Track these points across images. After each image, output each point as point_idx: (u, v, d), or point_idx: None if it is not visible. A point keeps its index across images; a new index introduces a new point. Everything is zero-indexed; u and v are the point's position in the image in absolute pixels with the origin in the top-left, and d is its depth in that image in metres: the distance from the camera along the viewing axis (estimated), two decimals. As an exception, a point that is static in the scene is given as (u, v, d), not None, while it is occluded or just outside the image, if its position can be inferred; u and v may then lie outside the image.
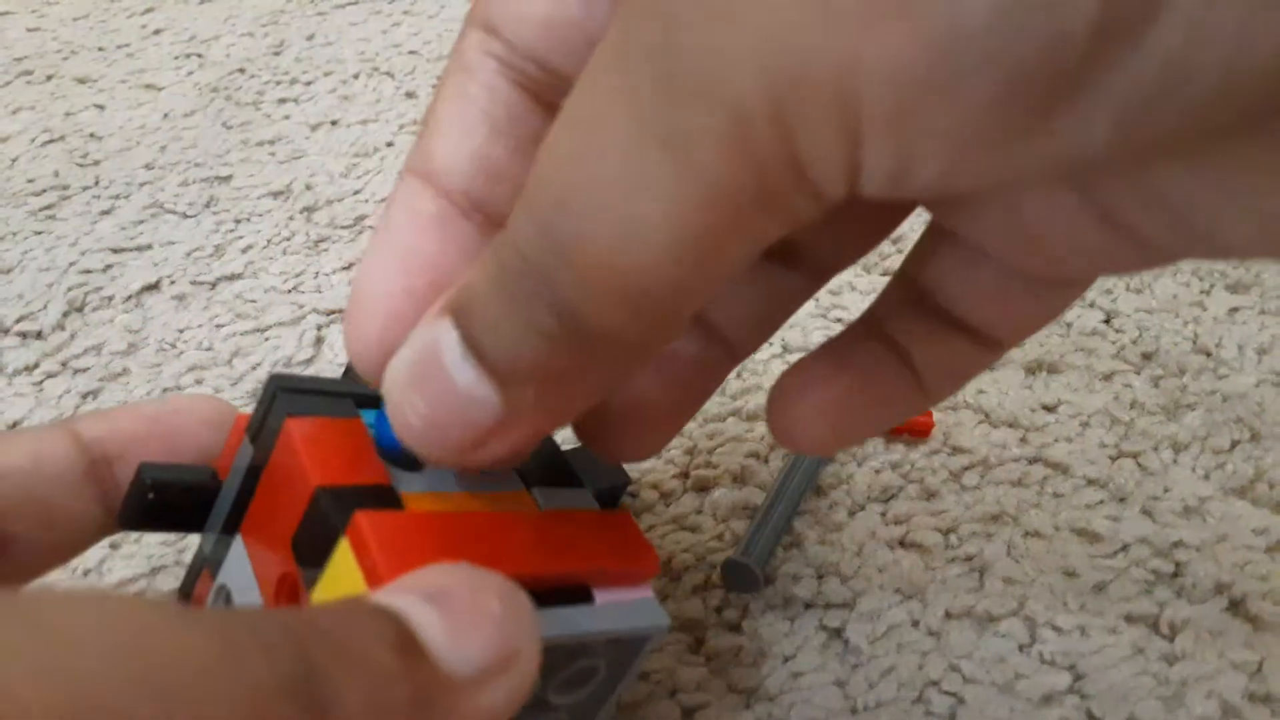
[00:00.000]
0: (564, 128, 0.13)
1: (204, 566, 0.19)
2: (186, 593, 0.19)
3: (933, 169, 0.12)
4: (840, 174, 0.12)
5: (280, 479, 0.17)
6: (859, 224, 0.19)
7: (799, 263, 0.19)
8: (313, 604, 0.16)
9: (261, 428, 0.17)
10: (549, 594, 0.16)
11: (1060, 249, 0.15)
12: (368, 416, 0.18)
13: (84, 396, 0.31)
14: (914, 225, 0.20)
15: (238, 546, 0.18)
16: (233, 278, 0.36)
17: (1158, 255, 0.15)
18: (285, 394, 0.17)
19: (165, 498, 0.18)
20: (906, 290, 0.19)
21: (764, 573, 0.26)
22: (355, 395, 0.18)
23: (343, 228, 0.38)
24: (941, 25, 0.10)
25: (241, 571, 0.17)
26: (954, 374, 0.19)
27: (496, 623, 0.14)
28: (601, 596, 0.17)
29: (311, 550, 0.16)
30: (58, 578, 0.26)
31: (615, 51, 0.13)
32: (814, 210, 0.13)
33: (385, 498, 0.16)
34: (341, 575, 0.15)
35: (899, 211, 0.19)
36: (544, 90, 0.17)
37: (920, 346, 0.18)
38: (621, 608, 0.17)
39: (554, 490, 0.19)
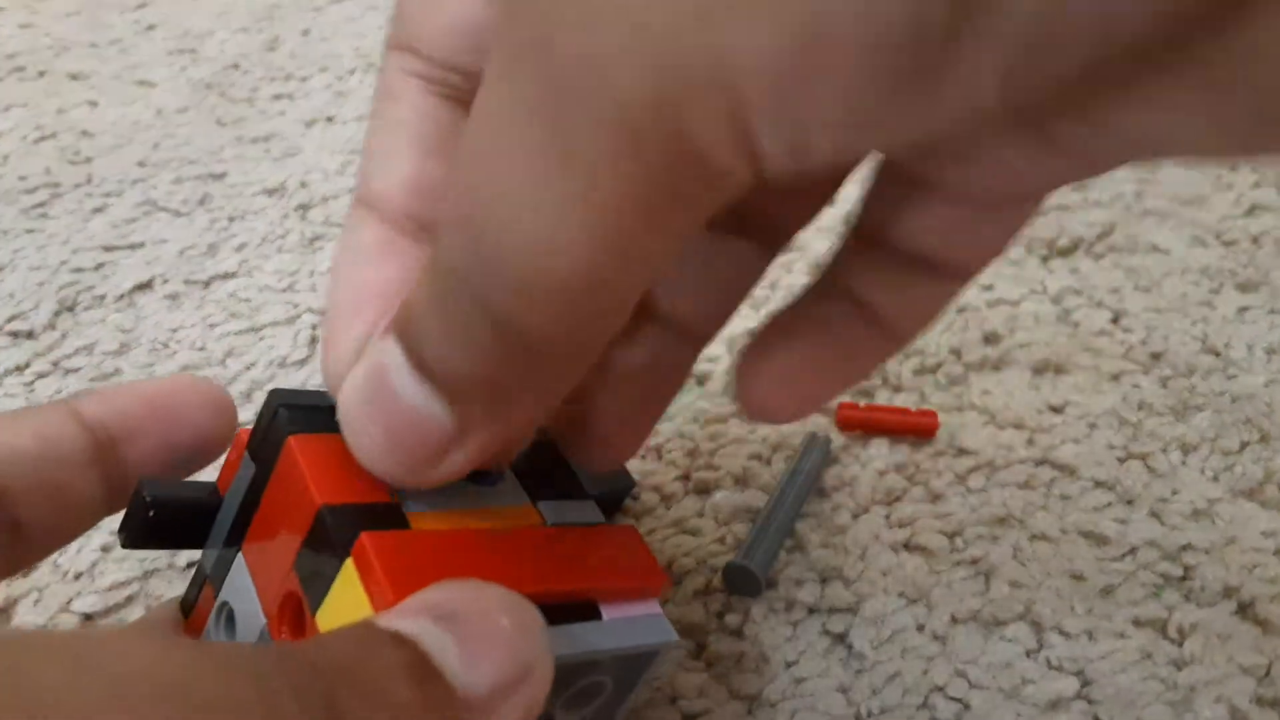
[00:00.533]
0: (468, 140, 0.13)
1: (206, 581, 0.18)
2: (189, 606, 0.19)
3: (828, 143, 0.12)
4: (739, 159, 0.12)
5: (283, 497, 0.17)
6: (801, 186, 0.18)
7: (749, 231, 0.19)
8: (320, 627, 0.15)
9: (263, 444, 0.17)
10: (556, 611, 0.16)
11: (1012, 178, 0.15)
12: None
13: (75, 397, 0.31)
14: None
15: (240, 564, 0.17)
16: (226, 276, 0.36)
17: (1111, 166, 0.15)
18: (286, 410, 0.17)
19: (165, 515, 0.18)
20: (860, 239, 0.18)
21: (766, 576, 0.25)
22: None
23: (338, 225, 0.38)
24: (803, 12, 0.10)
25: (244, 589, 0.17)
26: (922, 312, 0.19)
27: (508, 640, 0.14)
28: (609, 613, 0.17)
29: (315, 571, 0.16)
30: (48, 580, 0.26)
31: (501, 57, 0.13)
32: (726, 196, 0.13)
33: (390, 517, 0.16)
34: (346, 597, 0.15)
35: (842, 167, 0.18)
36: (468, 95, 0.17)
37: (883, 292, 0.18)
38: (629, 624, 0.17)
39: (560, 504, 0.19)
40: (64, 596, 0.25)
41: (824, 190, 0.19)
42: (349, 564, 0.15)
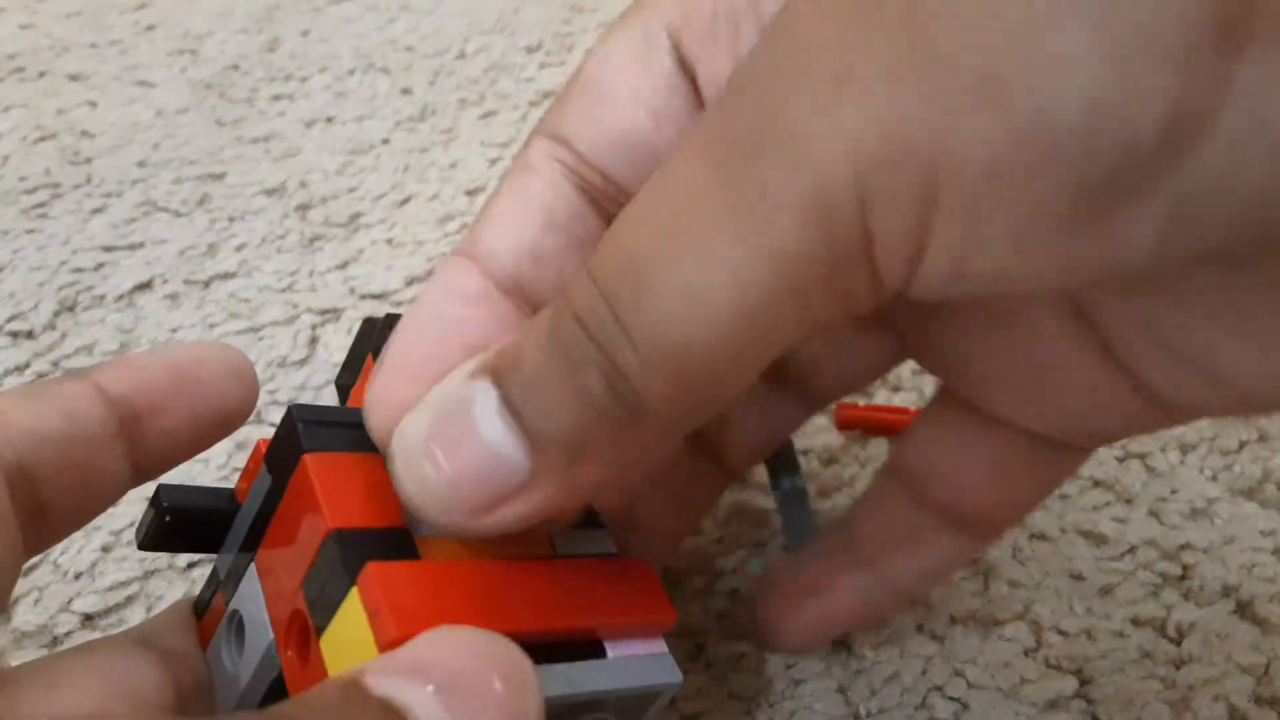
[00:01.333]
0: (642, 201, 0.14)
1: (219, 588, 0.18)
2: (202, 608, 0.19)
3: (991, 260, 0.12)
4: (904, 256, 0.13)
5: (296, 515, 0.16)
6: (863, 353, 0.21)
7: (801, 389, 0.21)
8: (324, 650, 0.15)
9: (280, 458, 0.17)
10: (560, 649, 0.16)
11: (1074, 399, 0.17)
12: None
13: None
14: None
15: (252, 574, 0.17)
16: (226, 276, 0.36)
17: (1172, 408, 0.16)
18: (305, 426, 0.17)
19: (182, 521, 0.18)
20: (896, 479, 0.21)
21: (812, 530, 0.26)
22: None
23: (337, 226, 0.38)
24: (1028, 117, 0.11)
25: (254, 601, 0.17)
26: (929, 576, 0.22)
27: (501, 705, 0.13)
28: (614, 650, 0.17)
29: (322, 593, 0.16)
30: (48, 580, 0.26)
31: (706, 129, 0.13)
32: (868, 298, 0.13)
33: (401, 544, 0.16)
34: (350, 625, 0.15)
35: (898, 350, 0.21)
36: (602, 198, 0.17)
37: (898, 555, 0.21)
38: (634, 663, 0.17)
39: (571, 533, 0.18)
40: (64, 596, 0.25)
41: (876, 365, 0.21)
42: (354, 592, 0.15)
